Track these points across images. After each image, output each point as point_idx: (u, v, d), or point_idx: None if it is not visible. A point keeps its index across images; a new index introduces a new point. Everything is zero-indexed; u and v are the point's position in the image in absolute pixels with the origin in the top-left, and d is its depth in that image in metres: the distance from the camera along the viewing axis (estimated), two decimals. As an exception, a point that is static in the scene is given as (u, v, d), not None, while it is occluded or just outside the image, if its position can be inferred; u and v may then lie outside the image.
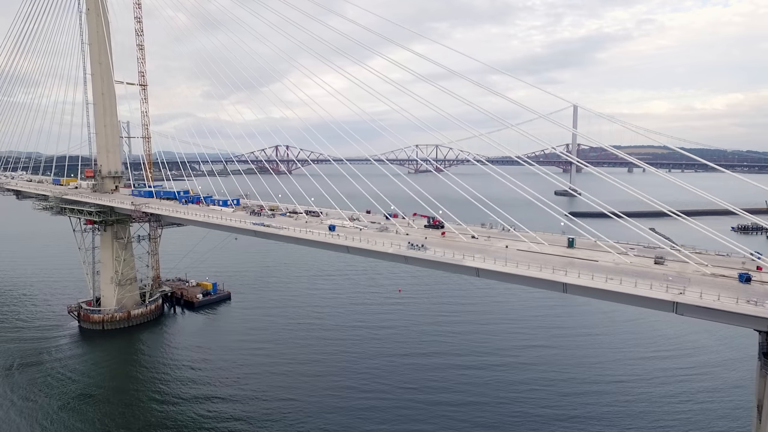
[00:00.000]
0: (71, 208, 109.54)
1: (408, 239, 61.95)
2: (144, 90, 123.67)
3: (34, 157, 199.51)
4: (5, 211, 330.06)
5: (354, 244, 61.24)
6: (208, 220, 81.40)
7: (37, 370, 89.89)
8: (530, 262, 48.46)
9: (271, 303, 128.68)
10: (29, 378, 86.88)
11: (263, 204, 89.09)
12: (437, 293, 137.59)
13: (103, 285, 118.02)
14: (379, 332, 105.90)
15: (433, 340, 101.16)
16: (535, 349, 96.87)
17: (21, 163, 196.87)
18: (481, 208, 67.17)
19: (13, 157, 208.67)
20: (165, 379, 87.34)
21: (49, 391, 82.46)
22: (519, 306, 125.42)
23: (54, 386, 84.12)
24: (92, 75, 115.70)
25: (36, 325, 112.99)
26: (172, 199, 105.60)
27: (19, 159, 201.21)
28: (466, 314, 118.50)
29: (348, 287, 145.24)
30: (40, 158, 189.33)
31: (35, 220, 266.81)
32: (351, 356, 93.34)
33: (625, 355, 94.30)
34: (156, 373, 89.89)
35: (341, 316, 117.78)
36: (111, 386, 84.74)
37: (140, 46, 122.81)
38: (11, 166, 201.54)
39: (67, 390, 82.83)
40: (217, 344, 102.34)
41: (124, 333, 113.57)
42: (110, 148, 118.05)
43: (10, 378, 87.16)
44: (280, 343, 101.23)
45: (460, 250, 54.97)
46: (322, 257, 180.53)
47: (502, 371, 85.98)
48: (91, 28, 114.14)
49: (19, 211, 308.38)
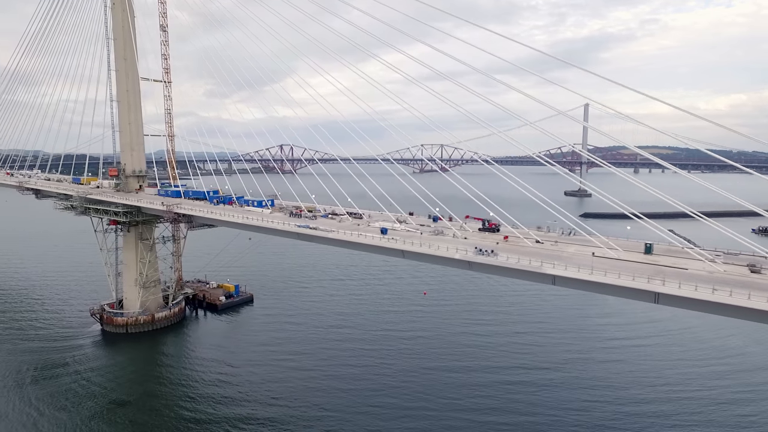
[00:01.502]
0: (96, 208, 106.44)
1: (472, 244, 59.29)
2: (168, 87, 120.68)
3: (41, 155, 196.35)
4: (14, 210, 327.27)
5: (414, 249, 58.39)
6: (247, 222, 78.38)
7: (63, 377, 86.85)
8: (615, 269, 45.76)
9: (294, 306, 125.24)
10: (56, 386, 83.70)
11: (301, 205, 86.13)
12: (463, 296, 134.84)
13: (126, 287, 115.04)
14: (412, 342, 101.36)
15: (471, 350, 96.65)
16: (590, 363, 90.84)
17: (27, 162, 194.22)
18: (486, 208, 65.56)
19: (20, 156, 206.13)
20: (192, 386, 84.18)
21: (77, 400, 79.27)
22: (552, 311, 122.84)
23: (82, 394, 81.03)
24: (116, 71, 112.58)
25: (57, 329, 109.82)
26: (201, 199, 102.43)
27: (25, 158, 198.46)
28: (500, 320, 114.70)
29: (370, 289, 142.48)
30: (46, 156, 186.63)
31: (43, 219, 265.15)
32: (384, 367, 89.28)
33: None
34: (183, 380, 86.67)
35: (368, 321, 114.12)
36: (139, 393, 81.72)
37: (164, 42, 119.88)
38: (17, 164, 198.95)
39: (96, 398, 79.80)
40: (243, 350, 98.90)
41: (148, 337, 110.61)
42: (134, 146, 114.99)
43: (36, 386, 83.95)
44: (308, 350, 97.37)
45: (530, 255, 52.20)
46: (340, 258, 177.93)
47: (554, 388, 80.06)
48: (116, 23, 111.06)
49: (28, 210, 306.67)
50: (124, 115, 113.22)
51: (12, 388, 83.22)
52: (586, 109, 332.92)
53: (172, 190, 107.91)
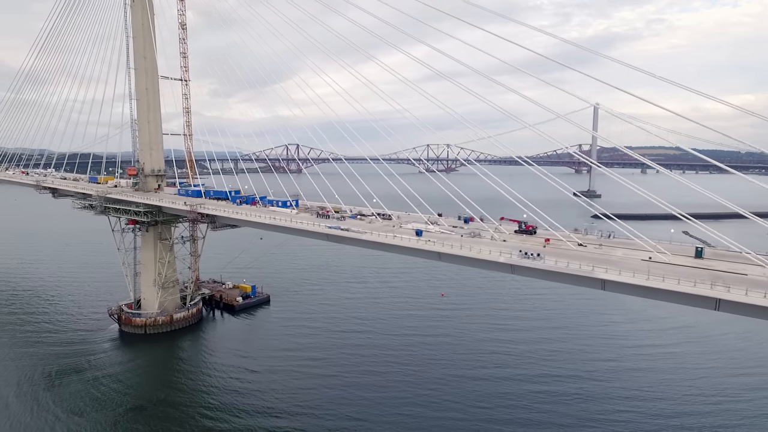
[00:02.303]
0: (116, 207, 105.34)
1: (512, 246, 57.93)
2: (187, 85, 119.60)
3: (46, 154, 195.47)
4: (22, 208, 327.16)
5: (453, 251, 57.03)
6: (275, 223, 77.02)
7: (82, 380, 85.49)
8: (672, 275, 44.33)
9: (311, 309, 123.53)
10: (76, 389, 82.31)
11: (328, 205, 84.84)
12: (482, 298, 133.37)
13: (145, 287, 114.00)
14: (436, 347, 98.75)
15: (497, 356, 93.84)
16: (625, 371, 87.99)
17: (32, 161, 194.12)
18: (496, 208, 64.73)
19: (26, 155, 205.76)
20: (213, 392, 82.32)
21: (96, 404, 77.66)
22: (575, 315, 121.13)
23: (101, 399, 79.45)
24: (135, 69, 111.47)
25: (75, 329, 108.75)
26: (223, 199, 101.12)
27: (31, 156, 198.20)
28: (523, 325, 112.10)
29: (386, 290, 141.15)
30: (51, 155, 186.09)
31: (51, 217, 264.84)
32: (409, 374, 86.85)
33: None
34: (203, 386, 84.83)
35: (387, 325, 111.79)
36: (159, 399, 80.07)
37: (183, 40, 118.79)
38: (23, 163, 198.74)
39: (116, 403, 78.29)
40: (262, 355, 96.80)
41: (166, 337, 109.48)
42: (153, 145, 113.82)
43: (56, 389, 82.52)
44: (329, 356, 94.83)
45: (577, 259, 50.79)
46: (354, 258, 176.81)
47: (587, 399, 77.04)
48: (135, 21, 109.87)
49: (38, 208, 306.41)
50: (143, 113, 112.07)
51: (30, 391, 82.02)
52: (596, 111, 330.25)
53: (192, 190, 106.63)
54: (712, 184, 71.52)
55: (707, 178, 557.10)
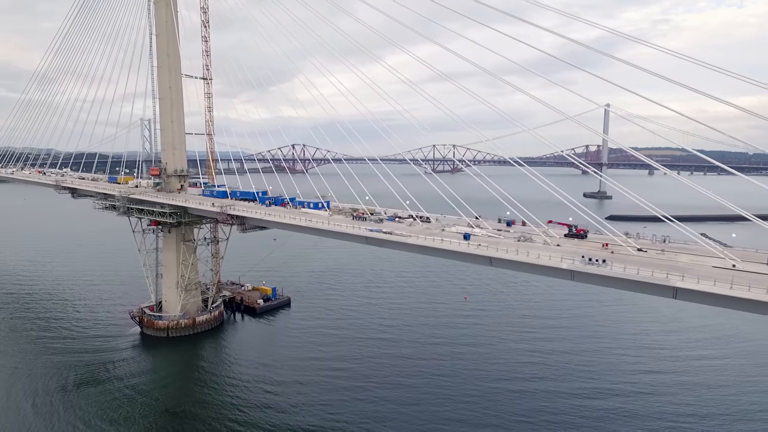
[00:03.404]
0: (139, 208, 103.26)
1: (567, 251, 55.80)
2: (208, 84, 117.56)
3: (53, 153, 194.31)
4: (34, 207, 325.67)
5: (508, 257, 54.85)
6: (311, 225, 74.82)
7: (105, 388, 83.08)
8: (756, 283, 42.13)
9: (332, 313, 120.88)
10: (99, 398, 79.73)
11: (363, 207, 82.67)
12: (505, 301, 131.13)
13: (167, 289, 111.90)
14: (466, 355, 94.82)
15: (532, 365, 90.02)
16: None
17: (39, 160, 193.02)
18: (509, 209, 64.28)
19: (33, 154, 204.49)
20: (239, 401, 79.36)
21: (124, 412, 75.41)
22: (603, 320, 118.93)
23: (128, 406, 77.26)
24: (158, 67, 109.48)
25: (95, 333, 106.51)
26: (251, 200, 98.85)
27: (38, 155, 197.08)
28: (554, 334, 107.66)
29: (408, 293, 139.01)
30: (58, 154, 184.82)
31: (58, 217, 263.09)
32: (442, 383, 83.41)
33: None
34: (229, 393, 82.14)
35: (413, 330, 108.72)
36: (186, 408, 77.64)
37: (205, 38, 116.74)
38: (29, 162, 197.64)
39: (142, 412, 75.88)
40: (287, 362, 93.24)
41: (188, 341, 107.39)
42: (176, 145, 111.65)
43: (78, 397, 79.91)
44: (356, 364, 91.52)
45: (643, 265, 48.63)
46: (371, 260, 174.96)
47: (636, 417, 73.29)
48: (159, 18, 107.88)
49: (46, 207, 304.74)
50: (166, 112, 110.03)
51: (52, 399, 79.52)
52: (607, 113, 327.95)
53: (218, 191, 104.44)
54: (721, 185, 69.98)
55: (716, 179, 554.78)
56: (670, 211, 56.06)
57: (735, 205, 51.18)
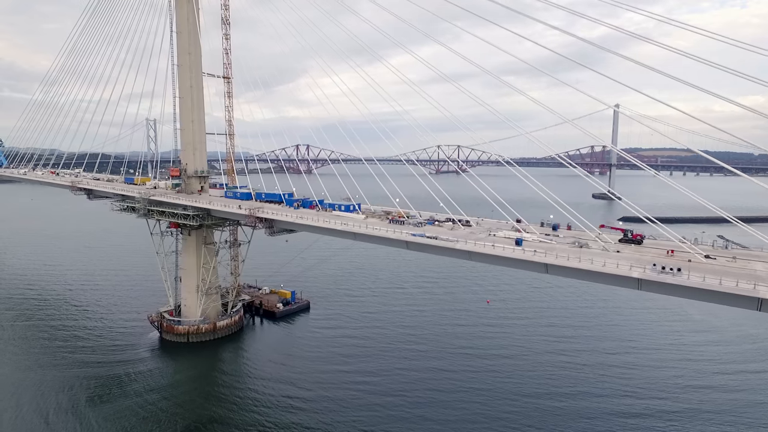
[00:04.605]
0: (160, 210, 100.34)
1: (627, 258, 53.26)
2: (229, 83, 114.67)
3: (56, 153, 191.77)
4: (42, 207, 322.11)
5: (570, 264, 52.24)
6: (348, 229, 71.93)
7: (126, 397, 79.98)
8: None
9: (353, 318, 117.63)
10: (119, 407, 76.66)
11: (399, 210, 79.96)
12: (527, 305, 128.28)
13: (186, 293, 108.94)
14: (496, 364, 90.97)
15: (567, 374, 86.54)
16: None
17: (42, 160, 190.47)
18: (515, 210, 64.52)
19: (36, 155, 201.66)
20: (265, 412, 75.71)
21: (145, 425, 72.06)
22: (635, 325, 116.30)
23: (148, 419, 73.73)
24: (180, 66, 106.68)
25: (112, 339, 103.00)
26: (277, 202, 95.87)
27: (41, 156, 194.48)
28: (588, 342, 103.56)
29: (429, 296, 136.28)
30: (61, 154, 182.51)
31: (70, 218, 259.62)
32: (475, 394, 79.26)
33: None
34: (253, 404, 78.38)
35: (438, 336, 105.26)
36: (211, 417, 74.58)
37: (226, 36, 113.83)
38: (33, 162, 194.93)
39: (165, 422, 72.82)
40: (312, 371, 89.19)
41: (209, 346, 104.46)
42: (197, 145, 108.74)
43: (97, 406, 76.83)
44: (384, 377, 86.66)
45: (719, 274, 46.11)
46: (385, 260, 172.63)
47: None
48: (180, 16, 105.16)
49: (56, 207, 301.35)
50: (186, 112, 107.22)
51: (71, 410, 76.38)
52: (616, 113, 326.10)
53: (242, 192, 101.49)
54: (728, 186, 68.73)
55: (722, 180, 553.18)
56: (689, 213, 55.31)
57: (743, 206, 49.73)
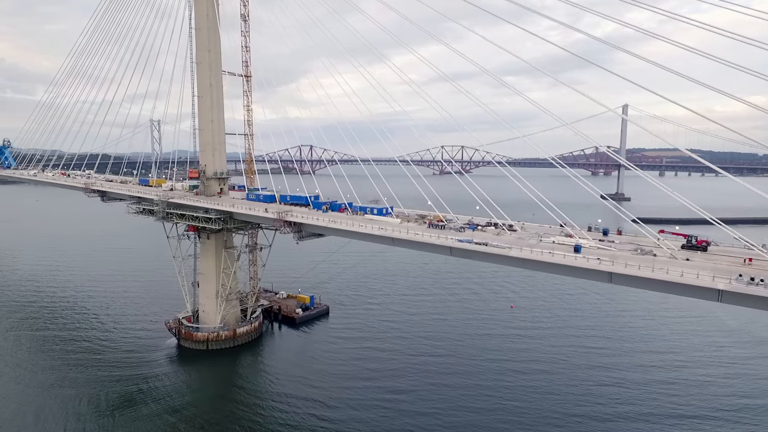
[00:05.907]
0: (180, 213, 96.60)
1: (697, 266, 49.93)
2: (248, 81, 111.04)
3: (57, 154, 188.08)
4: (47, 209, 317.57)
5: (641, 274, 48.76)
6: (386, 234, 68.32)
7: (146, 409, 76.40)
8: None
9: (373, 325, 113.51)
10: (138, 424, 72.65)
11: (438, 213, 76.41)
12: (552, 312, 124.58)
13: (204, 299, 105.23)
14: (529, 376, 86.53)
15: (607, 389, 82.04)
16: None
17: (47, 161, 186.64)
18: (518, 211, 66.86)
19: (37, 155, 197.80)
20: (289, 425, 72.35)
21: None
22: (669, 332, 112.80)
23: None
24: (199, 64, 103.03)
25: (128, 347, 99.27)
26: (303, 204, 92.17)
27: (42, 156, 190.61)
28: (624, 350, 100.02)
29: (450, 301, 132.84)
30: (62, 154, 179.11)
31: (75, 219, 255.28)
32: (511, 407, 75.16)
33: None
34: (278, 419, 74.44)
35: (464, 346, 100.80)
36: None
37: (245, 33, 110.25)
38: (42, 163, 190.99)
39: None
40: (337, 384, 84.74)
41: (229, 354, 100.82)
42: (216, 146, 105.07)
43: (115, 420, 73.16)
44: (413, 394, 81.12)
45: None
46: (401, 262, 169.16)
47: None
48: (199, 12, 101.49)
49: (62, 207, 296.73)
50: (205, 111, 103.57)
51: (91, 418, 73.20)
52: (625, 109, 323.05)
53: (265, 195, 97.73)
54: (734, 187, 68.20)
55: (727, 180, 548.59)
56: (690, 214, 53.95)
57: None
